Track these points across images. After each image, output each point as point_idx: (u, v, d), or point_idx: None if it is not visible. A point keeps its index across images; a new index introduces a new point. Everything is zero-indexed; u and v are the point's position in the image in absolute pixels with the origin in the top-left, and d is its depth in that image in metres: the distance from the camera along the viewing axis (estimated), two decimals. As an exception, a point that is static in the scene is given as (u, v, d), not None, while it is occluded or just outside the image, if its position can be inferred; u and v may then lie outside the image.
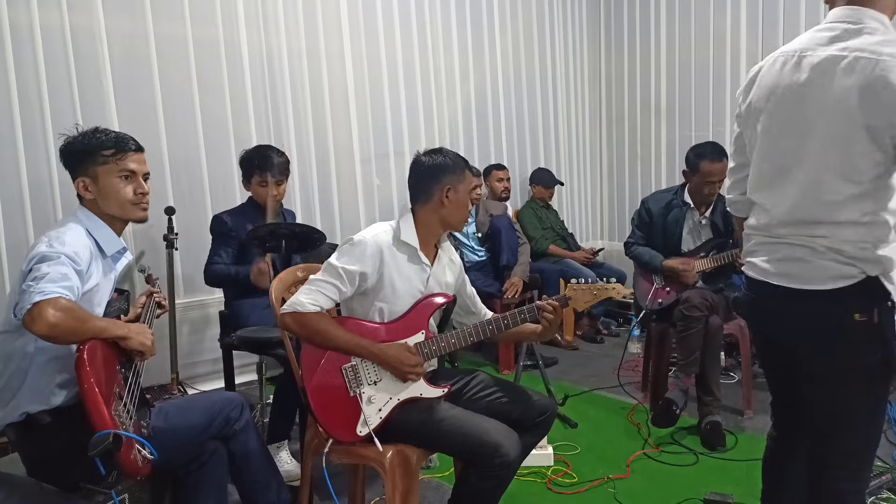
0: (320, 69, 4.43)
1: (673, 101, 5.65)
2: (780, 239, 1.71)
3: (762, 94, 1.73)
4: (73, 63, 3.41)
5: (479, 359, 4.61)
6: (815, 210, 1.64)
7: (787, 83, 1.66)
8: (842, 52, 1.58)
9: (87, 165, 1.90)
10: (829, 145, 1.59)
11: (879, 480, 2.50)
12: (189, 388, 3.74)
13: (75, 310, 1.67)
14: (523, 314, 2.11)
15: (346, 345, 2.03)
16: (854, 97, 1.53)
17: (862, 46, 1.55)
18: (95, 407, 1.59)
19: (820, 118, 1.60)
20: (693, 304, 3.14)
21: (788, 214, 1.68)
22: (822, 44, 1.62)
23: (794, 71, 1.65)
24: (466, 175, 2.17)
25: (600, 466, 2.91)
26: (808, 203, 1.64)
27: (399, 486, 2.00)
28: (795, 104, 1.64)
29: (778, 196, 1.70)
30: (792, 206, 1.67)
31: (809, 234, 1.66)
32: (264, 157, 3.16)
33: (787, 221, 1.69)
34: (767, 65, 1.74)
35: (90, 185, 1.90)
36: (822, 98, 1.59)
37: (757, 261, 1.76)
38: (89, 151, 1.90)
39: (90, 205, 1.93)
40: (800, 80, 1.63)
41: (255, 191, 3.18)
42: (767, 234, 1.75)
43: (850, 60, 1.55)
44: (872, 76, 1.51)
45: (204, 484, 2.04)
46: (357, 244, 2.06)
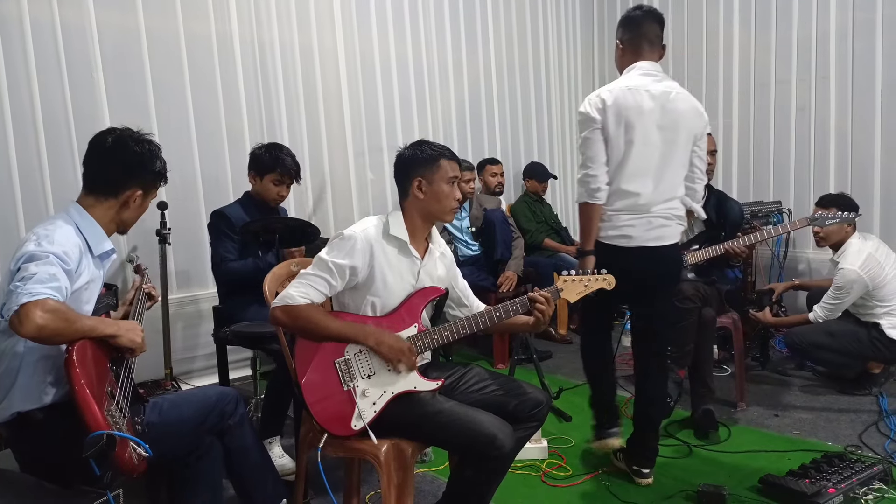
0: (313, 63, 4.41)
1: (666, 95, 5.65)
2: (651, 214, 2.57)
3: (626, 116, 2.51)
4: (63, 58, 3.39)
5: (473, 352, 4.61)
6: (671, 190, 2.59)
7: (648, 108, 2.52)
8: (668, 89, 2.56)
9: (150, 183, 1.98)
10: (681, 147, 2.58)
11: (871, 471, 2.52)
12: (183, 384, 3.74)
13: (63, 311, 1.66)
14: (516, 306, 2.12)
15: (338, 332, 2.02)
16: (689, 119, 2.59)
17: (678, 87, 2.61)
18: (87, 408, 1.58)
19: (676, 131, 2.55)
20: (686, 296, 3.15)
21: (657, 195, 2.55)
22: (657, 82, 2.57)
23: (649, 99, 2.53)
24: (442, 165, 2.14)
25: (594, 459, 2.92)
26: (667, 186, 2.56)
27: (394, 480, 2.01)
28: (660, 121, 2.53)
29: (649, 183, 2.55)
30: (659, 189, 2.55)
31: (668, 207, 2.59)
32: (286, 159, 3.16)
33: (657, 200, 2.56)
34: (619, 97, 2.53)
35: (139, 199, 1.97)
36: (675, 118, 2.55)
37: (634, 231, 2.57)
38: (159, 173, 2.00)
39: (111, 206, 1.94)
40: (660, 107, 2.53)
41: (266, 187, 3.15)
42: (639, 212, 2.56)
43: (676, 94, 2.57)
44: (692, 103, 2.62)
45: (199, 479, 2.03)
46: (346, 238, 2.06)
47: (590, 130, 2.56)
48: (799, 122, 4.78)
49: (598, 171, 2.54)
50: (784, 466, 2.66)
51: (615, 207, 2.58)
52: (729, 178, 5.14)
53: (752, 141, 5.08)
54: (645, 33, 2.64)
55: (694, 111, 2.62)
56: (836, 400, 3.53)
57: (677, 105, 2.56)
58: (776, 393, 3.69)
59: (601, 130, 2.54)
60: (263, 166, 3.15)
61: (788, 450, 2.92)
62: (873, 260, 3.40)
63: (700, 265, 3.38)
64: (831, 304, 3.47)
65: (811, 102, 4.69)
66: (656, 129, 2.54)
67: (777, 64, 4.87)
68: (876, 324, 3.44)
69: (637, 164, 2.54)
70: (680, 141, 2.58)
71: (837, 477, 2.47)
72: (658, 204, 2.57)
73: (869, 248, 3.44)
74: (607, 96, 2.53)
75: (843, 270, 3.41)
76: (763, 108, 4.99)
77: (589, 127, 2.56)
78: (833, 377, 3.76)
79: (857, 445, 2.92)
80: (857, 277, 3.37)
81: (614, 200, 2.58)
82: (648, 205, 2.55)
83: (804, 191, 4.75)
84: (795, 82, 4.76)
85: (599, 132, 2.55)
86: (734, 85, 5.14)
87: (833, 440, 3.01)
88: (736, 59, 5.11)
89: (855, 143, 4.50)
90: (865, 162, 4.45)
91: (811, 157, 4.73)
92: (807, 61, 4.69)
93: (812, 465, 2.58)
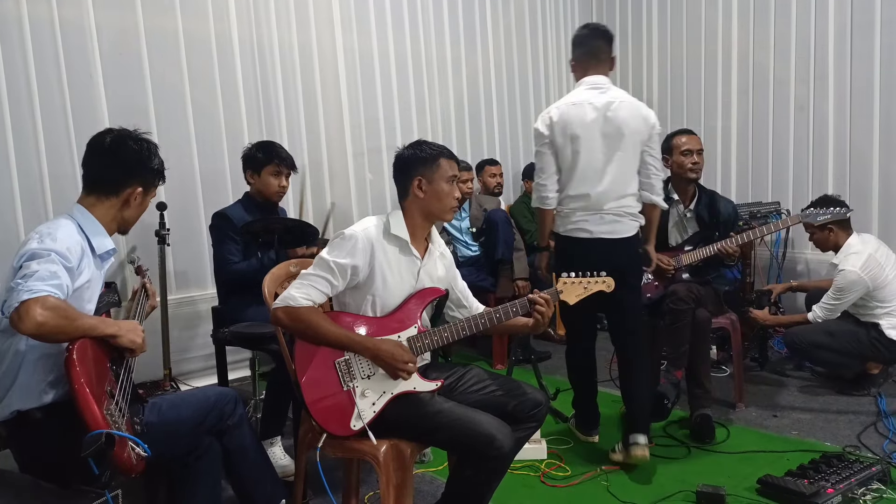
0: (312, 63, 4.41)
1: (665, 96, 5.66)
2: (603, 211, 2.87)
3: (572, 129, 2.84)
4: (62, 57, 3.39)
5: (472, 353, 4.61)
6: (620, 189, 2.87)
7: (592, 118, 2.83)
8: (612, 99, 2.87)
9: (150, 181, 1.99)
10: (627, 150, 2.87)
11: (869, 472, 2.52)
12: (182, 385, 3.73)
13: (64, 308, 1.66)
14: (515, 308, 2.12)
15: (338, 339, 2.02)
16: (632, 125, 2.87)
17: (622, 97, 2.91)
18: (87, 407, 1.58)
19: (620, 137, 2.85)
20: (679, 297, 3.15)
21: (606, 195, 2.85)
22: (602, 94, 2.88)
23: (594, 112, 2.84)
24: (442, 164, 2.15)
25: (593, 460, 2.92)
26: (615, 186, 2.85)
27: (393, 480, 2.01)
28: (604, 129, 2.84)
29: (597, 185, 2.85)
30: (608, 189, 2.85)
31: (619, 205, 2.88)
32: (279, 149, 3.20)
33: (607, 199, 2.85)
34: (564, 112, 2.87)
35: (139, 197, 1.98)
36: (618, 125, 2.84)
37: (590, 226, 2.88)
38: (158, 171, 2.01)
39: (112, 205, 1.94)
40: (602, 117, 2.84)
41: (265, 182, 3.14)
42: (591, 210, 2.87)
43: (619, 103, 2.86)
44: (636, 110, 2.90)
45: (198, 479, 2.03)
46: (348, 238, 2.07)
47: (540, 145, 2.95)
48: (798, 122, 4.78)
49: (548, 181, 2.93)
50: (783, 467, 2.66)
51: (571, 207, 2.92)
52: (728, 179, 5.14)
53: (750, 141, 5.08)
54: (591, 50, 2.96)
55: (638, 117, 2.90)
56: (835, 400, 3.54)
57: (619, 113, 2.86)
58: (775, 393, 3.69)
59: (549, 144, 2.91)
60: (258, 162, 3.15)
61: (787, 450, 2.92)
62: (874, 261, 3.41)
63: (695, 266, 3.38)
64: (831, 304, 3.47)
65: (810, 102, 4.70)
66: (600, 136, 2.86)
67: (776, 64, 4.87)
68: (876, 324, 3.44)
69: (584, 169, 2.87)
70: (625, 145, 2.87)
71: (836, 477, 2.47)
72: (609, 202, 2.87)
73: (869, 249, 3.45)
74: (554, 113, 2.91)
75: (843, 272, 3.41)
76: (761, 109, 4.99)
77: (540, 142, 2.95)
78: (831, 378, 3.76)
79: (855, 446, 2.93)
80: (858, 279, 3.37)
81: (570, 202, 2.93)
82: (599, 203, 2.87)
83: (802, 191, 4.75)
84: (794, 82, 4.76)
85: (549, 146, 2.92)
86: (733, 85, 5.14)
87: (831, 441, 3.02)
88: (735, 60, 5.11)
89: (853, 143, 4.50)
90: (864, 162, 4.45)
91: (809, 158, 4.74)
92: (805, 61, 4.69)
93: (810, 466, 2.58)
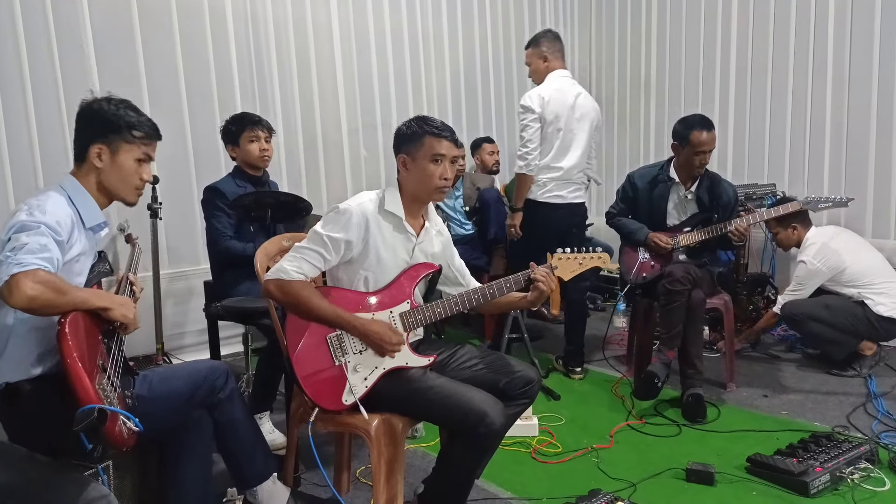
0: (307, 38, 4.36)
1: (663, 77, 5.62)
2: (570, 181, 3.61)
3: (557, 111, 3.52)
4: (52, 28, 3.34)
5: (466, 332, 4.62)
6: (580, 165, 3.64)
7: (571, 104, 3.55)
8: (579, 90, 3.63)
9: (112, 136, 1.86)
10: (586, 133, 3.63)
11: (858, 451, 2.54)
12: (174, 359, 3.73)
13: (54, 282, 1.63)
14: (509, 283, 2.12)
15: (327, 316, 2.01)
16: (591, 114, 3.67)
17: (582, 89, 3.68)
18: (79, 381, 1.56)
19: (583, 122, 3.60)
20: (676, 278, 3.15)
21: (573, 169, 3.59)
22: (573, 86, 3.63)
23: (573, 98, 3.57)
24: (426, 142, 2.08)
25: (584, 437, 2.94)
26: (578, 162, 3.60)
27: (385, 454, 2.01)
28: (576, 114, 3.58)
29: (568, 160, 3.58)
30: (574, 164, 3.59)
31: (579, 177, 3.66)
32: (250, 115, 3.16)
33: (573, 172, 3.60)
34: (553, 96, 3.52)
35: (105, 155, 1.87)
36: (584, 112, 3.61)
37: (562, 192, 3.60)
38: (121, 126, 1.87)
39: (88, 171, 1.88)
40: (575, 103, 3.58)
41: (246, 150, 3.11)
42: (562, 180, 3.58)
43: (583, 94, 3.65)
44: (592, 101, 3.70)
45: (189, 452, 2.03)
46: (342, 212, 2.05)
47: (531, 119, 3.51)
48: (795, 106, 4.76)
49: (535, 151, 3.52)
50: (772, 446, 2.68)
51: (549, 177, 3.57)
52: (724, 161, 5.12)
53: (747, 124, 5.06)
54: (560, 49, 3.69)
55: (594, 107, 3.69)
56: (825, 381, 3.56)
57: (584, 103, 3.63)
58: (766, 374, 3.71)
59: (538, 119, 3.50)
60: (233, 134, 3.12)
61: (777, 430, 2.94)
62: (827, 249, 3.62)
63: (692, 247, 3.38)
64: (792, 294, 3.69)
65: (808, 87, 4.67)
66: (574, 121, 3.56)
67: (774, 49, 4.84)
68: (862, 302, 3.52)
69: (561, 146, 3.56)
70: (585, 129, 3.63)
71: (825, 456, 2.49)
72: (573, 174, 3.62)
73: (824, 238, 3.69)
74: (546, 95, 3.52)
75: (800, 264, 3.69)
76: (759, 93, 4.95)
77: (531, 116, 3.51)
78: (822, 359, 3.78)
79: (844, 426, 2.95)
80: (814, 268, 3.62)
81: (547, 172, 3.57)
82: (568, 175, 3.59)
83: (798, 174, 4.75)
84: (792, 67, 4.73)
85: (538, 121, 3.50)
86: (731, 69, 5.10)
87: (821, 421, 3.04)
88: (734, 42, 5.07)
89: (850, 126, 4.49)
90: (860, 145, 4.44)
91: (806, 141, 4.72)
92: (804, 46, 4.66)
93: (800, 445, 2.60)
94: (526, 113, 3.52)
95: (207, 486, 2.07)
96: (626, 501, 2.31)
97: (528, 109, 3.51)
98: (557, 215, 3.59)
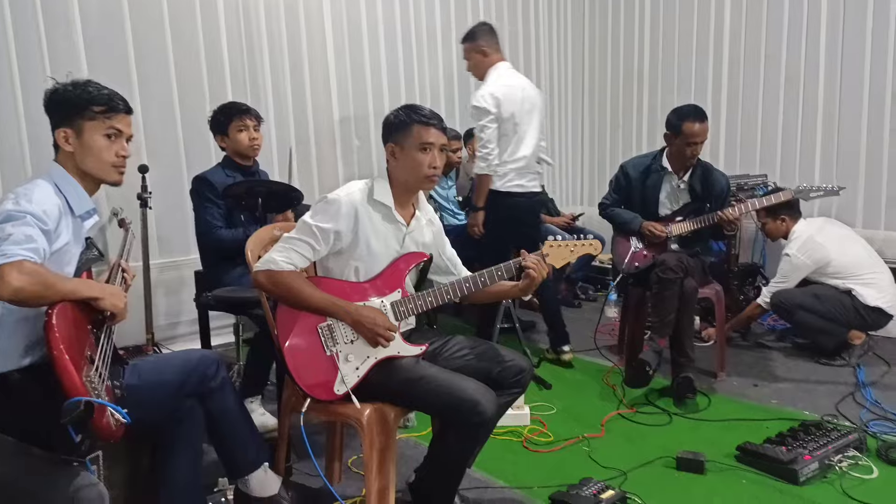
0: (298, 28, 4.33)
1: (655, 68, 5.62)
2: (529, 171, 3.67)
3: (512, 108, 3.54)
4: (41, 17, 3.30)
5: (458, 322, 4.62)
6: (535, 154, 3.72)
7: (521, 98, 3.58)
8: (524, 81, 3.70)
9: (74, 117, 1.83)
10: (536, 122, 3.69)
11: (847, 439, 2.56)
12: (164, 349, 3.72)
13: (41, 273, 1.61)
14: (500, 271, 2.12)
15: (318, 304, 2.01)
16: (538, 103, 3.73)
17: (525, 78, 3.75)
18: (66, 374, 1.54)
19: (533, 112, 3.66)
20: (669, 266, 3.16)
21: (531, 159, 3.66)
22: (518, 78, 3.70)
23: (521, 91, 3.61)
24: (414, 130, 2.07)
25: (575, 426, 2.95)
26: (534, 151, 3.68)
27: (377, 444, 2.01)
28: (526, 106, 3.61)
29: (527, 151, 3.63)
30: (531, 154, 3.65)
31: (536, 167, 3.75)
32: (238, 104, 3.13)
33: (531, 162, 3.68)
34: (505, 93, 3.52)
35: (72, 138, 1.83)
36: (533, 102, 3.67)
37: (522, 182, 3.65)
38: (79, 104, 1.83)
39: (65, 158, 1.85)
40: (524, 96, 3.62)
41: (235, 140, 3.07)
42: (524, 171, 3.64)
43: (528, 84, 3.72)
44: (535, 89, 3.77)
45: (180, 443, 2.02)
46: (331, 202, 2.04)
47: (488, 120, 3.49)
48: (787, 97, 4.77)
49: (495, 151, 3.51)
50: (762, 434, 2.70)
51: (510, 168, 3.60)
52: (716, 150, 5.12)
53: (739, 114, 5.07)
54: (497, 40, 3.68)
55: (538, 94, 3.76)
56: (815, 371, 3.59)
57: (531, 93, 3.67)
58: (756, 363, 3.73)
59: (495, 119, 3.49)
60: (222, 124, 3.09)
61: (767, 419, 2.96)
62: (812, 242, 3.65)
63: (684, 236, 3.39)
64: (776, 287, 3.71)
65: (800, 78, 4.68)
66: (526, 113, 3.60)
67: (767, 39, 4.84)
68: (849, 290, 3.56)
69: (519, 139, 3.59)
70: (536, 118, 3.68)
71: (813, 445, 2.51)
72: (532, 164, 3.69)
73: (810, 231, 3.70)
74: (498, 93, 3.50)
75: (785, 257, 3.72)
76: (752, 83, 4.96)
77: (487, 117, 3.48)
78: (812, 348, 3.81)
79: (833, 415, 2.97)
80: (798, 262, 3.65)
81: (508, 165, 3.59)
82: (528, 165, 3.66)
83: (790, 165, 4.76)
84: (785, 56, 4.74)
85: (494, 120, 3.49)
86: (724, 58, 5.10)
87: (810, 410, 3.06)
88: (727, 32, 5.07)
89: (842, 117, 4.51)
90: (852, 136, 4.46)
91: (798, 132, 4.73)
92: (797, 38, 4.66)
93: (789, 434, 2.62)
94: (481, 115, 3.49)
95: (198, 475, 2.06)
96: (617, 490, 2.32)
97: (483, 111, 3.48)
98: (519, 204, 3.65)
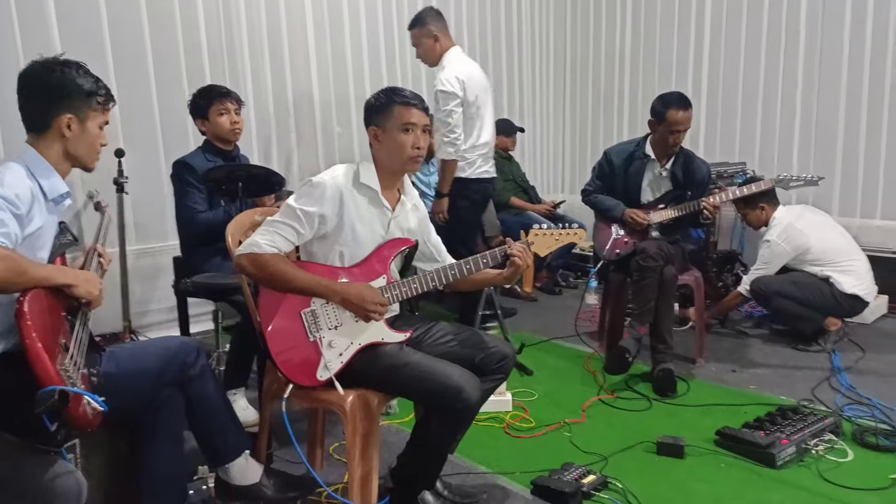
0: (278, 9, 4.26)
1: (637, 53, 5.63)
2: (489, 155, 3.74)
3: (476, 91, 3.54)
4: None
5: (440, 309, 4.61)
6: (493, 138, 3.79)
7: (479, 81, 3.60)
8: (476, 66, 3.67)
9: (81, 105, 1.81)
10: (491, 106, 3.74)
11: (823, 423, 2.61)
12: (142, 337, 3.66)
13: (13, 259, 1.57)
14: (486, 259, 2.10)
15: (304, 285, 1.98)
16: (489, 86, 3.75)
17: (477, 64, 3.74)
18: (39, 362, 1.50)
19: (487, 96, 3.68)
20: (649, 254, 3.18)
21: (490, 143, 3.73)
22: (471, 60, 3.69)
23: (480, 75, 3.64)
24: (395, 111, 2.05)
25: (557, 412, 2.96)
26: (492, 135, 3.76)
27: (360, 430, 2.01)
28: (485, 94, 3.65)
29: (488, 136, 3.69)
30: (491, 138, 3.73)
31: (493, 151, 3.82)
32: (218, 87, 3.08)
33: (491, 146, 3.74)
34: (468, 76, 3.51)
35: (74, 125, 1.80)
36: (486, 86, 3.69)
37: (487, 167, 3.72)
38: (87, 92, 1.81)
39: (52, 140, 1.80)
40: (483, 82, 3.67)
41: (216, 123, 3.01)
42: (486, 156, 3.70)
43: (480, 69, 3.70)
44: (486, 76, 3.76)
45: (159, 431, 1.99)
46: (316, 185, 2.01)
47: (455, 104, 3.45)
48: (767, 86, 4.81)
49: (462, 135, 3.50)
50: (740, 419, 2.73)
51: (477, 154, 3.63)
52: (696, 138, 5.16)
53: (719, 102, 5.10)
54: (445, 24, 3.63)
55: (488, 80, 3.76)
56: (792, 356, 3.64)
57: (483, 76, 3.70)
58: (734, 349, 3.78)
59: (460, 103, 3.47)
60: (201, 108, 3.03)
61: (745, 403, 2.99)
62: (792, 229, 3.69)
63: (665, 224, 3.40)
64: (756, 273, 3.75)
65: (779, 65, 4.72)
66: (484, 95, 3.63)
67: (747, 28, 4.87)
68: (827, 277, 3.63)
69: (482, 124, 3.63)
70: (490, 101, 3.72)
71: (791, 429, 2.55)
72: (491, 148, 3.76)
73: (790, 218, 3.75)
74: (463, 76, 3.48)
75: (765, 243, 3.76)
76: (732, 71, 4.99)
77: (454, 101, 3.45)
78: (789, 334, 3.86)
79: (809, 400, 3.01)
80: (779, 249, 3.69)
81: (474, 150, 3.61)
82: (490, 150, 3.74)
83: (769, 153, 4.81)
84: (765, 45, 4.77)
85: (460, 104, 3.47)
86: (705, 47, 5.13)
87: (787, 395, 3.10)
88: (708, 18, 5.09)
89: (819, 107, 4.56)
90: (829, 126, 4.52)
91: (776, 121, 4.79)
92: (777, 26, 4.69)
93: (767, 418, 2.66)
94: (449, 99, 3.44)
95: (179, 464, 2.04)
96: (598, 474, 2.34)
97: (451, 95, 3.44)
98: (487, 189, 3.80)
